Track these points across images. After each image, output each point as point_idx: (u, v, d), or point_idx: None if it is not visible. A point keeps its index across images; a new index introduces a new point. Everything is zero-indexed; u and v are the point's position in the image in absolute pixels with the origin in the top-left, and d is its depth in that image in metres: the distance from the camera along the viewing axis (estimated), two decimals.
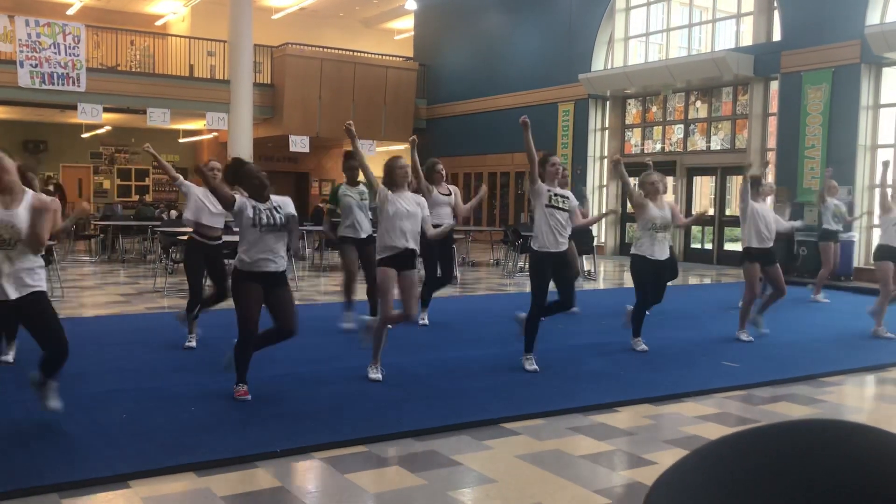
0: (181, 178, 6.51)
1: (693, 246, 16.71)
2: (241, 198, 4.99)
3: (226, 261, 6.84)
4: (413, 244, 5.57)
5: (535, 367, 5.97)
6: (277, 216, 4.99)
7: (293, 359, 6.14)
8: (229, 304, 5.35)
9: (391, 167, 5.68)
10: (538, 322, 6.05)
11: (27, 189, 4.33)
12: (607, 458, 4.26)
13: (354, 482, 3.81)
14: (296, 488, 3.82)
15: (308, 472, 4.03)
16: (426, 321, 7.86)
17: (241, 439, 4.29)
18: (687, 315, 8.94)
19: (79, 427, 4.38)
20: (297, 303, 6.58)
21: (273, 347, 5.21)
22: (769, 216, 7.42)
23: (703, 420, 4.97)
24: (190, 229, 6.54)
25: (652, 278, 6.75)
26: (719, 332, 7.81)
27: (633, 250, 6.82)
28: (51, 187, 17.85)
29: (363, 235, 7.31)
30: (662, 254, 6.72)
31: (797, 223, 9.04)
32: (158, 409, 4.79)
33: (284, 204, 5.10)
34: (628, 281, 9.85)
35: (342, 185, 7.46)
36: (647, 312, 6.98)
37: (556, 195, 5.96)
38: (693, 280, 13.34)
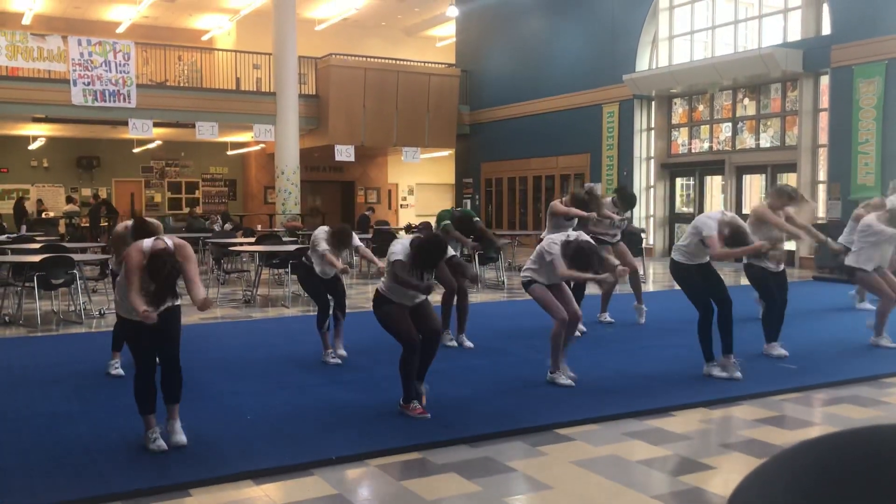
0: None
1: None
2: None
3: None
4: None
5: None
6: None
7: (343, 367, 6.19)
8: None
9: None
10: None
11: None
12: (664, 463, 4.20)
13: (410, 489, 3.82)
14: (352, 495, 3.85)
15: (364, 480, 4.05)
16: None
17: (297, 447, 4.33)
18: (740, 317, 8.76)
19: (137, 439, 4.47)
20: (346, 311, 6.62)
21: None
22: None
23: (761, 423, 4.88)
24: None
25: None
26: None
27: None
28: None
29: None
30: None
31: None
32: (215, 419, 4.86)
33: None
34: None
35: None
36: None
37: None
38: (744, 281, 13.07)
